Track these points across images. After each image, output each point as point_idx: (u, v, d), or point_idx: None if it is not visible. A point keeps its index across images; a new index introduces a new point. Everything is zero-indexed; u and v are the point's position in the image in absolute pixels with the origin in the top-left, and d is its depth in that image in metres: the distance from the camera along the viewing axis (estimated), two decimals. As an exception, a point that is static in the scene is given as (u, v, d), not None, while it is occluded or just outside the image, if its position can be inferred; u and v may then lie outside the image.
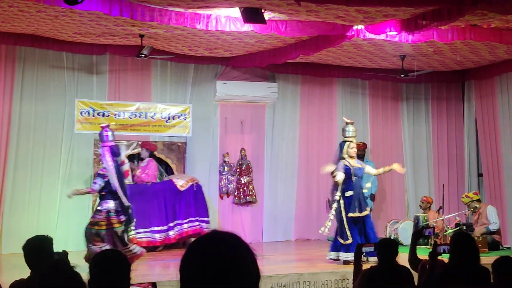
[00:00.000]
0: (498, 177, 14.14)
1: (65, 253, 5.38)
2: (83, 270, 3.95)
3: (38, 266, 4.82)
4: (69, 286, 3.81)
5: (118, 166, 9.62)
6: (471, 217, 12.56)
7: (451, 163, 15.29)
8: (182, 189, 12.32)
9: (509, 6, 8.79)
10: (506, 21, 10.03)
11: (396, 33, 10.43)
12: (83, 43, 12.17)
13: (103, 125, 10.03)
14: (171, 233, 12.14)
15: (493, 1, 8.67)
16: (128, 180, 10.61)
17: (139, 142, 13.00)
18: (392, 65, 13.72)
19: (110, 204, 9.45)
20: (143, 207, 11.58)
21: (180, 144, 13.35)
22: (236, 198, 13.71)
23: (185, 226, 12.29)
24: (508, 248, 12.93)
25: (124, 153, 10.48)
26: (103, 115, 12.77)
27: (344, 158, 10.70)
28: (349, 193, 10.54)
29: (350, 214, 10.46)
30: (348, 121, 11.16)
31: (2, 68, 12.09)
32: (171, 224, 12.16)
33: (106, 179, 9.51)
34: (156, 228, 12.00)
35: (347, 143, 10.81)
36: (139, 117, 13.08)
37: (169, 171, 13.38)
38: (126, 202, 9.42)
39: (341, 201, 10.56)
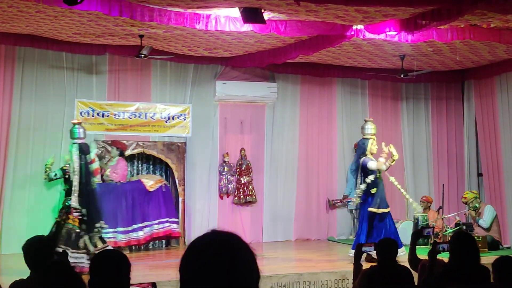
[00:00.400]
0: (498, 177, 14.14)
1: (65, 253, 5.39)
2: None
3: (38, 266, 4.82)
4: (69, 286, 3.81)
5: (86, 164, 9.73)
6: (470, 217, 12.56)
7: (451, 163, 15.30)
8: (151, 189, 12.20)
9: (508, 5, 8.79)
10: (506, 20, 10.03)
11: (395, 33, 10.43)
12: (82, 43, 12.18)
13: (75, 121, 10.14)
14: (140, 233, 12.04)
15: (493, 1, 8.67)
16: (97, 179, 10.65)
17: (139, 143, 13.02)
18: (391, 65, 13.72)
19: (68, 201, 9.59)
20: (111, 207, 11.54)
21: (180, 144, 13.34)
22: (236, 198, 13.70)
23: (155, 227, 12.16)
24: (508, 247, 12.93)
25: (94, 151, 10.52)
26: (103, 115, 12.77)
27: (366, 155, 10.82)
28: (374, 190, 10.71)
29: (370, 208, 10.63)
30: (367, 118, 11.21)
31: (2, 68, 12.09)
32: (140, 225, 12.03)
33: (67, 175, 9.75)
34: (121, 229, 11.89)
35: (370, 140, 10.89)
36: (139, 117, 13.07)
37: (169, 171, 13.39)
38: (75, 204, 9.49)
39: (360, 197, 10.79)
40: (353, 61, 13.67)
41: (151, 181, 12.36)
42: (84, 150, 9.80)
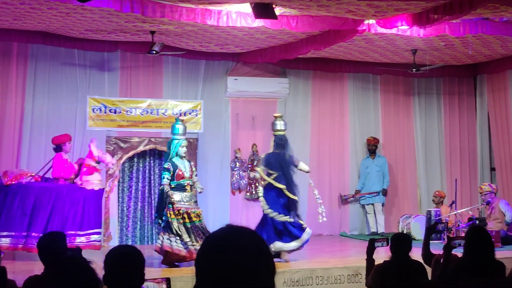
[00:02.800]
0: (511, 171, 14.08)
1: (78, 249, 5.41)
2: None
3: (52, 262, 4.84)
4: (83, 282, 3.82)
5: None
6: (484, 211, 12.52)
7: (464, 158, 15.24)
8: None
9: (521, -1, 8.75)
10: (518, 14, 9.99)
11: (407, 27, 10.40)
12: (94, 40, 12.21)
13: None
14: None
15: (505, -6, 8.64)
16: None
17: (151, 139, 13.03)
18: (403, 60, 13.67)
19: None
20: None
21: (191, 140, 13.34)
22: (247, 193, 13.70)
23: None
24: (522, 242, 12.86)
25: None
26: (115, 112, 12.80)
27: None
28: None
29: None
30: (277, 114, 10.92)
31: (15, 65, 12.15)
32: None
33: None
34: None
35: None
36: (151, 113, 13.09)
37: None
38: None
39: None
40: (364, 56, 13.64)
41: None
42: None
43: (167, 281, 4.40)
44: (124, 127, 12.87)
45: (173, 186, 9.60)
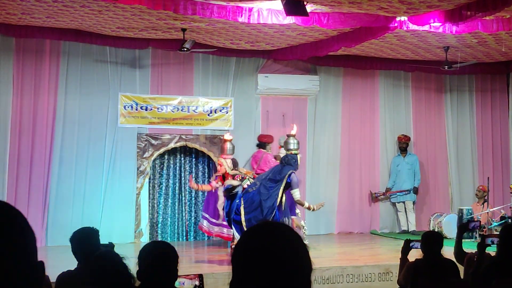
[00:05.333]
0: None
1: (111, 245, 5.45)
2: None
3: (85, 257, 4.88)
4: (116, 277, 3.85)
5: None
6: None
7: (496, 156, 15.10)
8: None
9: (556, -5, 8.63)
10: (553, 10, 9.85)
11: (440, 24, 10.31)
12: (126, 37, 12.28)
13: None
14: None
15: (540, -10, 8.52)
16: None
17: (182, 136, 13.08)
18: (435, 57, 13.57)
19: None
20: None
21: (222, 137, 13.37)
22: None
23: None
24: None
25: None
26: (146, 109, 12.87)
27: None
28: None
29: None
30: (291, 133, 10.53)
31: (47, 62, 12.27)
32: None
33: None
34: None
35: (299, 155, 10.19)
36: (181, 110, 13.13)
37: (212, 164, 13.43)
38: None
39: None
40: (396, 53, 13.55)
41: None
42: None
43: (200, 277, 4.42)
44: (155, 124, 12.93)
45: None
